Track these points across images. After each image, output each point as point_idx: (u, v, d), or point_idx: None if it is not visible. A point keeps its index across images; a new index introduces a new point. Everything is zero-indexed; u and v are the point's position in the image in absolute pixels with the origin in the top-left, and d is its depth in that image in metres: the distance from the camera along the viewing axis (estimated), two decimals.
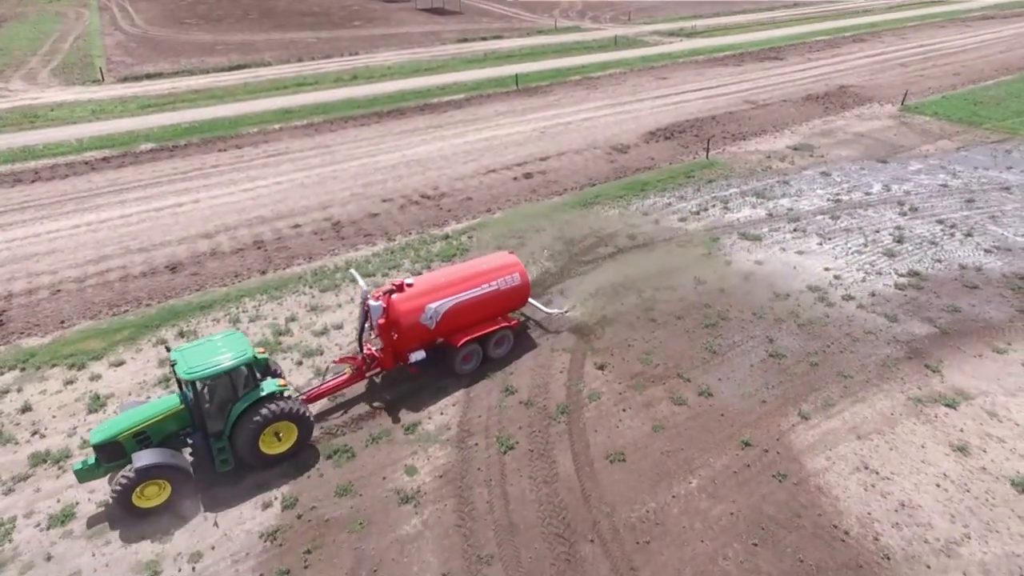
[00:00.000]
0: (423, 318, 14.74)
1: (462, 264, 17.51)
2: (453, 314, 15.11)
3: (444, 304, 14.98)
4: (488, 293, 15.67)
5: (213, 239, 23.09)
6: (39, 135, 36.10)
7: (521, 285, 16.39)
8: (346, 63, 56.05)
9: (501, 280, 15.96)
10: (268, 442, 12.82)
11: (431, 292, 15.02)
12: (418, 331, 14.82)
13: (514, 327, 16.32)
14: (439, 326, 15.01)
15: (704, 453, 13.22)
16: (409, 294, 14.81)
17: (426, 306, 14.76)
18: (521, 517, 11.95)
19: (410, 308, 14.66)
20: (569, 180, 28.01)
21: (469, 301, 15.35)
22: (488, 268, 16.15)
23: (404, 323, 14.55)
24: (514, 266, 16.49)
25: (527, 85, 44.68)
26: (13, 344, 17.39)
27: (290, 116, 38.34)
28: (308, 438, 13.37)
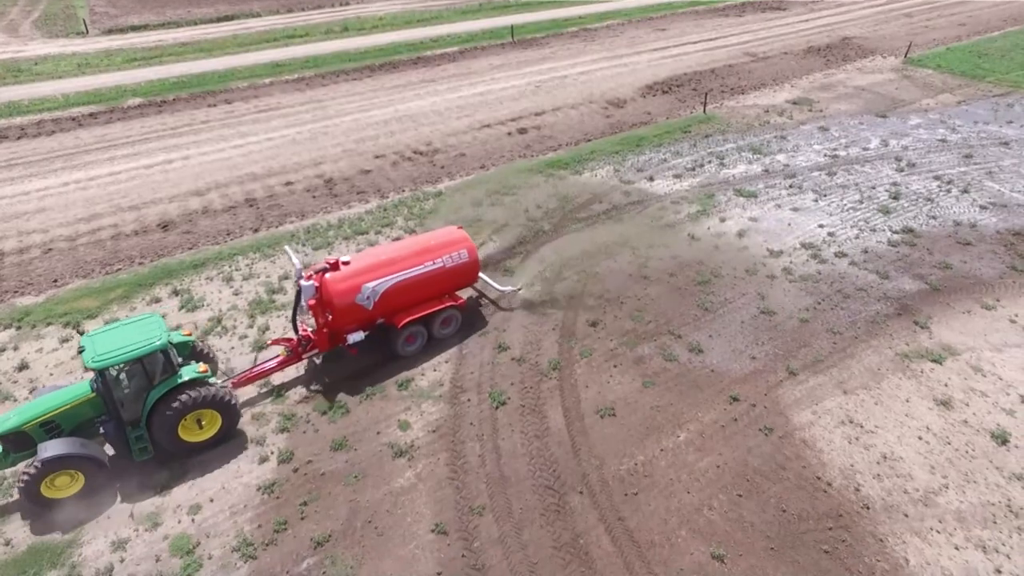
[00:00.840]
0: (359, 298, 14.03)
1: (407, 240, 16.55)
2: (393, 293, 14.40)
3: (383, 283, 14.24)
4: (432, 271, 14.90)
5: (204, 197, 22.88)
6: (24, 90, 35.34)
7: (469, 262, 15.55)
8: (337, 13, 54.51)
9: (447, 257, 15.12)
10: (189, 429, 12.39)
11: (369, 270, 14.27)
12: (354, 312, 14.13)
13: (461, 306, 15.58)
14: (378, 306, 14.32)
15: (693, 408, 13.45)
16: (344, 273, 14.08)
17: (363, 285, 14.04)
18: (512, 470, 12.23)
19: (345, 288, 13.93)
20: (564, 135, 27.61)
21: (411, 280, 14.61)
22: (434, 244, 15.29)
23: (339, 303, 13.89)
24: (462, 242, 15.59)
25: (522, 37, 43.59)
26: (7, 303, 17.42)
27: (280, 70, 37.50)
28: (234, 425, 12.89)
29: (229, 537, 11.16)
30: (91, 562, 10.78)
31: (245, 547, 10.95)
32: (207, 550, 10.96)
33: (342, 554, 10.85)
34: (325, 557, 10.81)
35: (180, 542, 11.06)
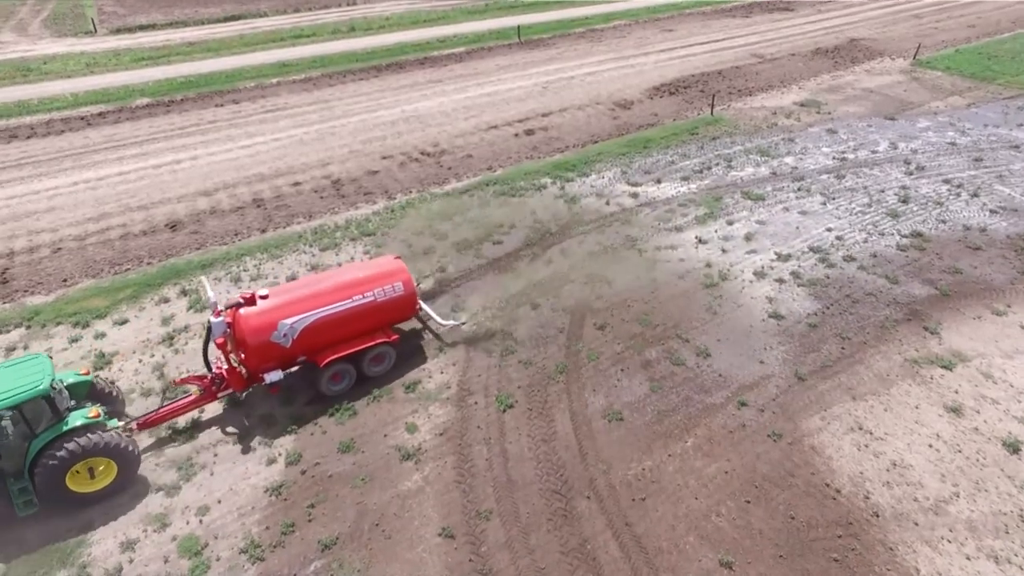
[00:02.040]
0: (275, 335, 12.92)
1: (336, 270, 15.56)
2: (314, 330, 13.28)
3: (302, 319, 13.12)
4: (361, 306, 13.75)
5: (212, 197, 22.94)
6: (33, 89, 35.51)
7: (405, 296, 14.41)
8: (344, 13, 54.59)
9: (379, 290, 13.99)
10: (80, 480, 11.36)
11: (288, 305, 13.19)
12: (270, 350, 12.99)
13: (394, 342, 14.34)
14: (297, 344, 13.20)
15: (701, 413, 13.41)
16: (260, 308, 13.00)
17: (280, 322, 12.94)
18: (519, 474, 12.22)
19: (259, 324, 12.84)
20: (571, 137, 27.58)
21: (336, 315, 13.47)
22: (365, 276, 14.18)
23: (252, 342, 12.80)
24: (397, 273, 14.49)
25: (529, 37, 43.56)
26: (17, 302, 17.50)
27: (288, 70, 37.57)
28: (132, 473, 11.87)
29: (237, 539, 11.19)
30: (100, 562, 10.83)
31: (253, 549, 10.98)
32: (215, 551, 10.99)
33: (349, 557, 10.86)
34: (332, 560, 10.83)
35: (188, 543, 11.09)
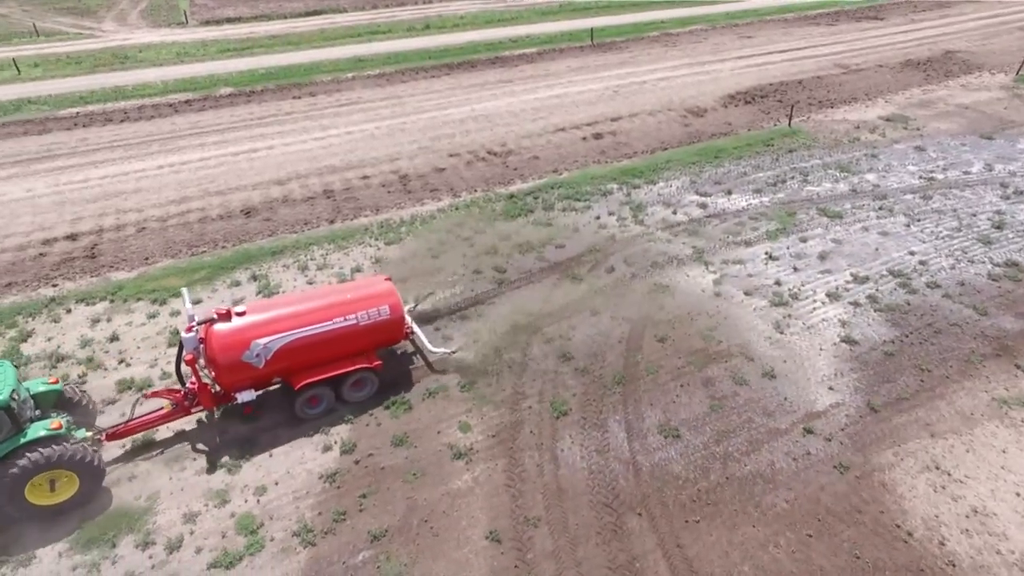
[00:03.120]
0: (247, 355, 12.32)
1: (322, 288, 15.27)
2: (290, 352, 12.65)
3: (277, 340, 12.48)
4: (342, 328, 13.04)
5: (285, 186, 23.70)
6: (129, 76, 37.68)
7: (390, 320, 13.60)
8: (420, 11, 55.53)
9: (363, 313, 13.24)
10: (40, 492, 11.11)
11: (264, 324, 12.57)
12: (241, 370, 12.43)
13: (375, 368, 13.62)
14: (271, 364, 12.59)
15: (763, 437, 12.87)
16: (233, 326, 12.42)
17: (253, 341, 12.34)
18: (570, 483, 12.04)
19: (230, 343, 12.28)
20: (640, 143, 27.10)
21: (314, 337, 12.79)
22: (349, 298, 13.45)
23: (222, 361, 12.24)
24: (385, 296, 13.66)
25: (602, 40, 43.14)
26: (103, 276, 18.55)
27: (363, 65, 38.49)
28: (95, 485, 11.56)
29: (291, 521, 11.46)
30: (164, 531, 11.30)
31: (305, 533, 11.22)
32: (270, 532, 11.29)
33: (397, 550, 10.95)
34: (380, 552, 10.94)
35: (245, 521, 11.44)
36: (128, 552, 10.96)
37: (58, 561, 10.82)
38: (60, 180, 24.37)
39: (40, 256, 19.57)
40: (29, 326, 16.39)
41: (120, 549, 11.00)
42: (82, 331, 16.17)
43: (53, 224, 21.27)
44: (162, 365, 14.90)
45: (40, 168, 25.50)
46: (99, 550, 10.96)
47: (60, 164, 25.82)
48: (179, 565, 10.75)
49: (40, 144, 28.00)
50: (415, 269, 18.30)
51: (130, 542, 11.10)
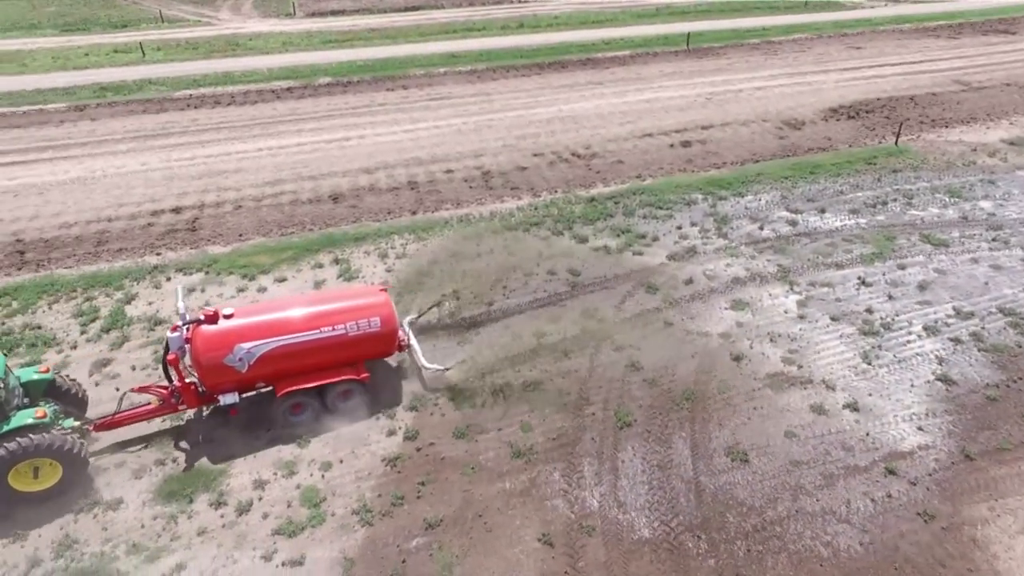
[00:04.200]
0: (230, 359, 12.27)
1: (315, 294, 15.14)
2: (274, 358, 12.55)
3: (261, 346, 12.38)
4: (330, 338, 12.82)
5: (372, 175, 24.48)
6: (238, 62, 40.03)
7: (382, 332, 13.27)
8: (515, 10, 55.96)
9: (352, 324, 12.95)
10: (24, 479, 11.33)
11: (249, 329, 12.51)
12: (223, 373, 12.41)
13: (363, 380, 13.37)
14: (254, 369, 12.52)
15: (840, 472, 12.13)
16: (218, 329, 12.40)
17: (236, 345, 12.28)
18: (628, 495, 11.79)
19: (213, 345, 12.27)
20: (730, 153, 26.19)
21: (299, 345, 12.64)
22: (340, 307, 13.24)
23: (204, 362, 12.28)
24: (378, 307, 13.31)
25: (698, 46, 41.99)
26: (201, 249, 19.79)
27: (456, 61, 39.18)
28: (78, 474, 11.70)
29: (352, 500, 11.81)
30: (236, 493, 11.92)
31: (364, 512, 11.54)
32: (331, 507, 11.68)
33: (449, 541, 11.07)
34: (434, 540, 11.09)
35: (310, 494, 11.89)
36: (203, 509, 11.65)
37: (142, 509, 11.64)
38: (171, 156, 26.22)
39: (148, 226, 21.12)
40: (134, 290, 17.72)
41: (196, 505, 11.70)
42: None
43: (162, 197, 22.90)
44: None
45: (155, 144, 27.52)
46: (177, 504, 11.71)
47: (172, 142, 27.78)
48: (246, 527, 11.32)
49: (156, 122, 30.22)
50: (490, 265, 18.45)
51: (205, 500, 11.78)
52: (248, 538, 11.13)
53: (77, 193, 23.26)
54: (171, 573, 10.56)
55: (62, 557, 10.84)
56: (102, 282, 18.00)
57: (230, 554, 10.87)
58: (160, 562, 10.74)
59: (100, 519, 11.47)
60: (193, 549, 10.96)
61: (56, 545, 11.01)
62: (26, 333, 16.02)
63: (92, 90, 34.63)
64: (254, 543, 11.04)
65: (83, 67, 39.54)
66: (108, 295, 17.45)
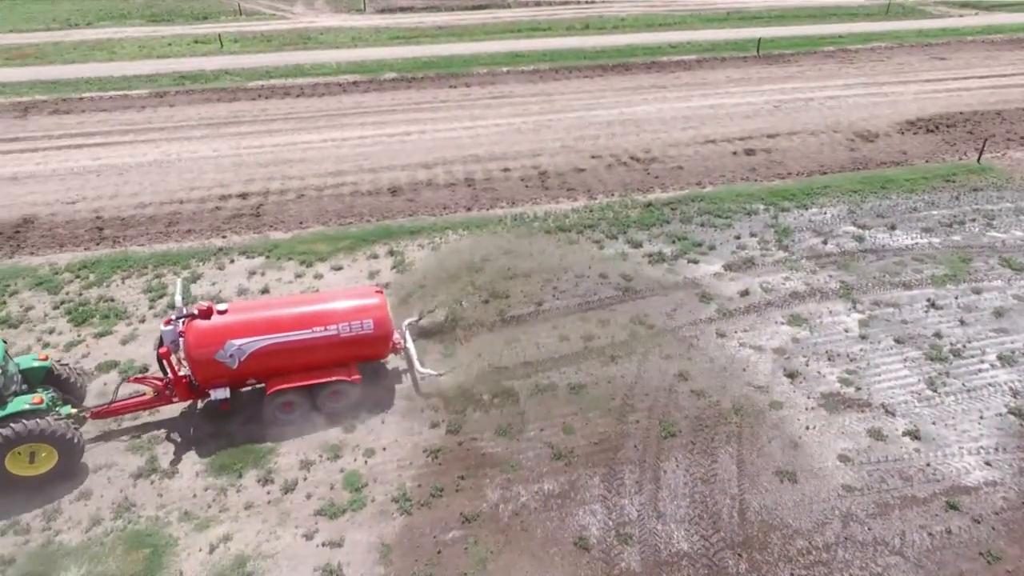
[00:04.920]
0: (221, 354, 12.37)
1: (310, 295, 15.30)
2: (264, 356, 12.62)
3: (252, 343, 12.46)
4: (321, 338, 12.82)
5: (431, 170, 24.81)
6: (309, 55, 41.26)
7: (374, 335, 13.20)
8: (581, 11, 55.67)
9: (344, 325, 12.92)
10: (20, 463, 11.56)
11: (241, 326, 12.59)
12: (214, 368, 12.51)
13: (354, 381, 13.24)
14: (245, 366, 12.60)
15: (896, 503, 11.55)
16: (210, 324, 12.52)
17: (227, 341, 12.38)
18: (669, 507, 11.56)
19: (205, 340, 12.38)
20: (796, 163, 25.31)
21: (290, 344, 12.68)
22: (333, 308, 13.22)
23: (195, 356, 12.40)
24: (372, 310, 13.24)
25: (769, 52, 40.77)
26: (264, 234, 20.50)
27: (519, 60, 39.27)
28: (74, 460, 11.90)
29: (392, 487, 12.00)
30: (283, 472, 12.30)
31: (403, 501, 11.71)
32: (372, 493, 11.91)
33: (485, 537, 11.12)
34: (470, 534, 11.16)
35: (352, 478, 12.16)
36: (251, 484, 12.07)
37: (195, 479, 12.16)
38: (241, 144, 27.27)
39: (216, 210, 22.03)
40: (199, 269, 18.52)
41: (244, 480, 12.13)
42: (240, 280, 18.00)
43: (230, 182, 23.85)
44: None
45: (226, 132, 28.68)
46: (227, 477, 12.17)
47: (243, 130, 28.89)
48: (290, 505, 11.66)
49: (229, 110, 31.50)
50: (541, 265, 18.43)
51: (253, 476, 12.21)
52: (291, 516, 11.47)
53: (153, 175, 24.49)
54: (218, 542, 10.99)
55: (120, 518, 11.45)
56: (171, 261, 18.90)
57: (273, 530, 11.23)
58: (209, 531, 11.20)
59: (157, 486, 12.05)
60: (240, 522, 11.38)
61: (116, 506, 11.63)
62: (100, 305, 16.98)
63: (172, 78, 36.39)
64: (297, 521, 11.38)
65: (165, 56, 41.61)
66: (176, 273, 18.29)
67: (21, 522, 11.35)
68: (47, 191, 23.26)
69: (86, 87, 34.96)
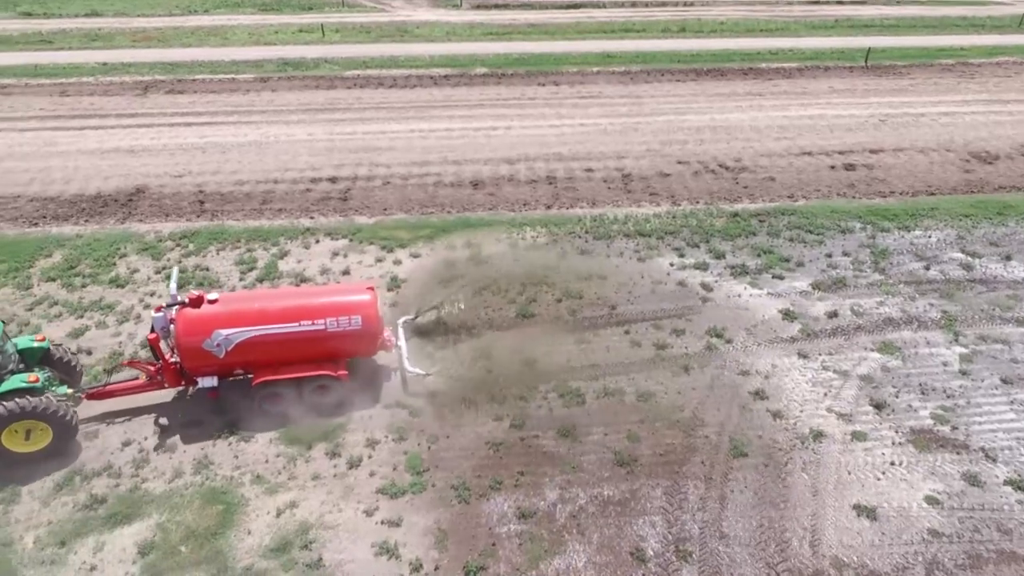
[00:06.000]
0: (208, 343, 12.48)
1: (301, 289, 15.45)
2: (251, 347, 12.67)
3: (239, 334, 12.53)
4: (308, 332, 12.80)
5: (513, 166, 24.89)
6: (404, 48, 42.35)
7: (362, 332, 13.11)
8: (678, 13, 54.35)
9: (332, 320, 12.86)
10: (16, 440, 11.86)
11: (229, 316, 12.69)
12: (201, 356, 12.64)
13: (340, 377, 13.12)
14: (232, 356, 12.67)
15: (991, 556, 10.58)
16: (199, 313, 12.66)
17: (215, 331, 12.48)
18: (733, 528, 11.08)
19: (193, 328, 12.53)
20: (901, 182, 23.68)
21: (276, 337, 12.69)
22: (322, 303, 13.24)
23: (183, 344, 12.56)
24: (361, 307, 13.18)
25: (878, 62, 38.36)
26: (349, 218, 21.20)
27: (610, 61, 38.78)
28: (68, 438, 12.19)
29: (452, 475, 12.11)
30: (349, 448, 12.67)
31: (463, 489, 11.79)
32: (432, 478, 12.06)
33: (540, 535, 11.03)
34: (525, 530, 11.11)
35: (414, 462, 12.36)
36: (319, 456, 12.51)
37: (268, 446, 12.73)
38: (334, 130, 28.32)
39: (306, 191, 22.97)
40: (287, 247, 19.37)
41: (313, 452, 12.58)
42: (323, 260, 18.69)
43: (321, 166, 24.81)
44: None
45: (321, 118, 29.87)
46: (298, 447, 12.66)
47: (337, 117, 29.99)
48: (354, 481, 12.00)
49: (325, 97, 32.79)
50: (619, 269, 18.13)
51: (322, 448, 12.64)
52: (355, 491, 11.79)
53: (252, 155, 25.83)
54: (285, 508, 11.46)
55: (199, 474, 12.14)
56: (262, 236, 19.87)
57: (336, 502, 11.58)
58: (277, 496, 11.69)
59: (234, 447, 12.69)
60: (306, 491, 11.81)
61: (196, 463, 12.34)
62: (196, 273, 18.07)
63: (276, 64, 38.27)
64: (359, 497, 11.68)
65: (272, 43, 43.82)
66: (265, 249, 19.21)
67: (114, 467, 12.25)
68: (158, 164, 24.99)
69: (199, 70, 37.32)
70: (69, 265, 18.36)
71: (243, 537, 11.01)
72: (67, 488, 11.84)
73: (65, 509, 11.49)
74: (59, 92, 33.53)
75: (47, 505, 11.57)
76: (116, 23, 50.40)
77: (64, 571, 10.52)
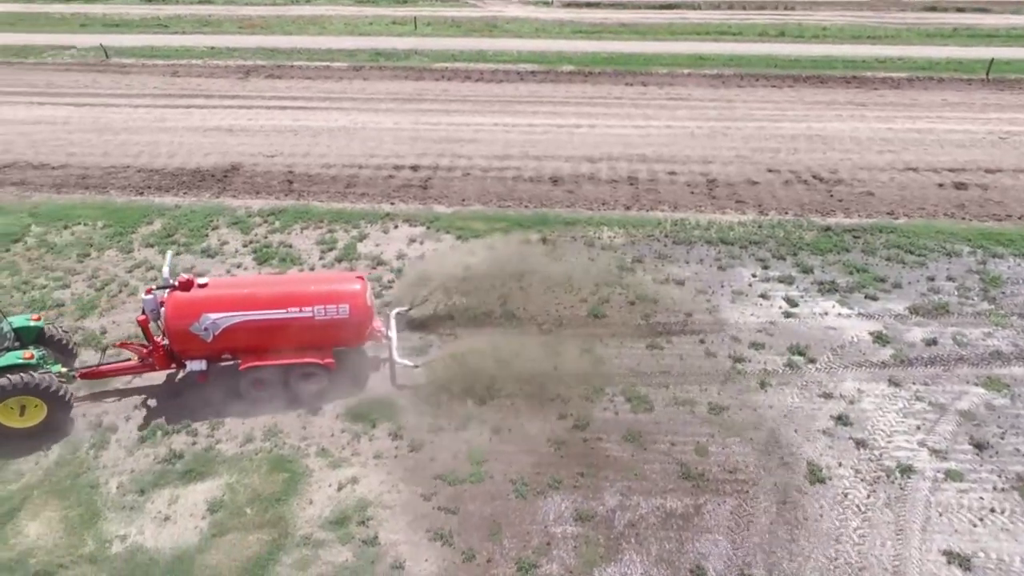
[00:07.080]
0: (196, 327, 12.52)
1: (291, 276, 15.82)
2: (237, 332, 12.68)
3: (226, 318, 12.57)
4: (295, 319, 12.73)
5: (595, 164, 24.50)
6: (492, 43, 42.66)
7: (349, 320, 13.00)
8: (777, 17, 52.20)
9: (319, 308, 12.78)
10: (10, 415, 12.02)
11: (217, 301, 12.73)
12: (189, 339, 12.69)
13: (326, 365, 13.07)
14: (219, 340, 12.70)
15: None
16: (188, 296, 12.72)
17: (203, 315, 12.51)
18: (808, 559, 10.37)
19: (182, 313, 12.59)
20: (1020, 205, 21.64)
21: (263, 323, 12.69)
22: (310, 290, 13.14)
23: (171, 326, 12.65)
24: (348, 296, 13.05)
25: (1002, 75, 35.35)
26: (428, 206, 21.47)
27: (702, 63, 37.63)
28: (62, 415, 12.36)
29: (511, 469, 11.96)
30: (412, 431, 12.73)
31: (520, 485, 11.62)
32: (490, 470, 11.95)
33: (596, 539, 10.72)
34: (581, 533, 10.82)
35: (476, 452, 12.29)
36: (382, 436, 12.66)
37: (334, 420, 13.01)
38: (419, 120, 28.81)
39: (389, 177, 23.45)
40: (366, 231, 19.81)
41: (377, 431, 12.76)
42: (400, 246, 18.99)
43: (405, 155, 25.27)
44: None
45: (408, 108, 30.47)
46: (362, 425, 12.87)
47: (423, 107, 30.52)
48: (415, 464, 12.06)
49: (413, 88, 33.45)
50: (699, 275, 17.47)
51: (385, 428, 12.79)
52: (415, 474, 11.86)
53: (340, 140, 26.64)
54: (346, 483, 11.66)
55: (268, 440, 12.55)
56: (344, 219, 20.41)
57: (396, 483, 11.68)
58: (340, 471, 11.92)
59: (302, 419, 13.05)
60: (367, 468, 11.98)
61: (266, 430, 12.77)
62: (280, 249, 18.77)
63: (369, 54, 39.39)
64: (419, 480, 11.73)
65: (366, 34, 45.20)
66: (346, 231, 19.72)
67: (192, 426, 12.85)
68: (253, 144, 26.20)
69: (297, 57, 38.95)
70: (167, 233, 19.51)
71: (305, 506, 11.28)
72: (150, 441, 12.52)
73: (147, 460, 12.15)
74: (171, 73, 35.87)
75: (131, 454, 12.28)
76: (225, 11, 53.46)
77: (141, 518, 11.11)
